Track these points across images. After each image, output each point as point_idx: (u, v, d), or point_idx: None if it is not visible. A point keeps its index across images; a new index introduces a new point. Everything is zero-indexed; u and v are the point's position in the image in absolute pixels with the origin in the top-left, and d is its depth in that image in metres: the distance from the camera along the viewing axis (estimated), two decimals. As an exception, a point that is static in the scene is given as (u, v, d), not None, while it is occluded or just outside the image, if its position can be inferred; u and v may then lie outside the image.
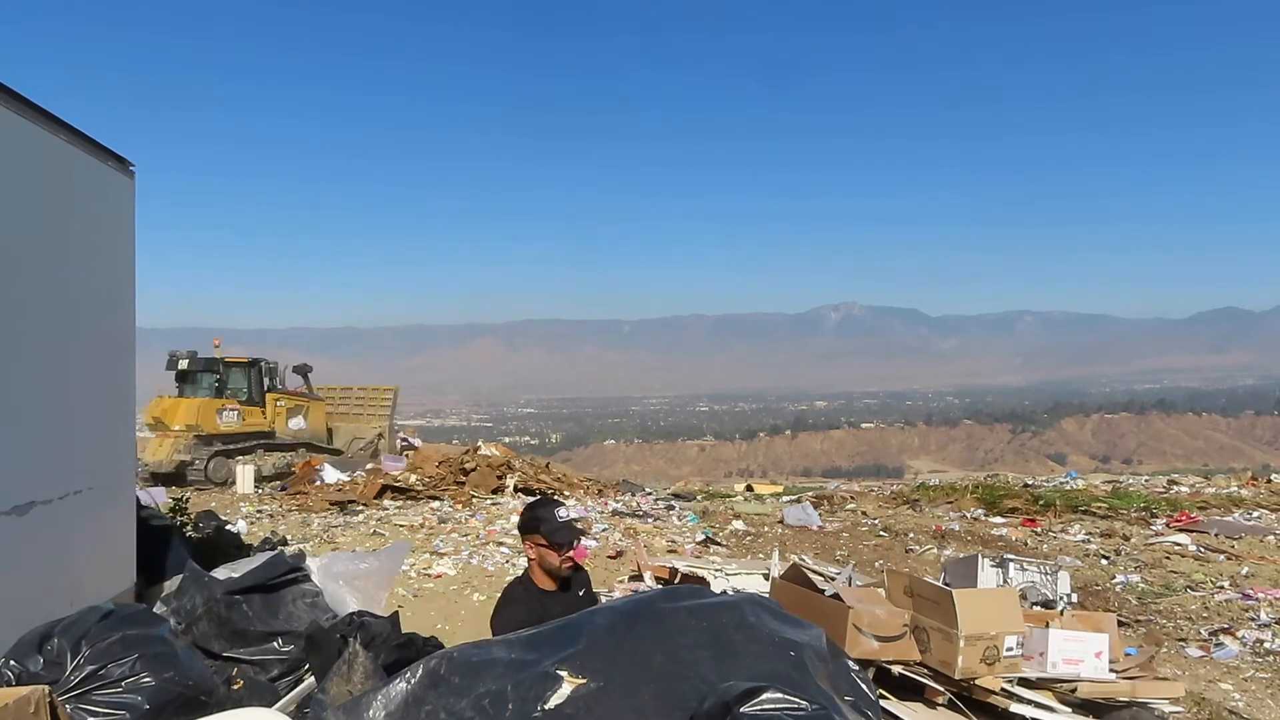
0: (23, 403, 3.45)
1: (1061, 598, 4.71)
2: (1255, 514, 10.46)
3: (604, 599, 3.44)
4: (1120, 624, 5.12)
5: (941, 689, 3.44)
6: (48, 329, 3.68)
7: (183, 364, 18.49)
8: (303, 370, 21.26)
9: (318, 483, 15.37)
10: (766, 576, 5.69)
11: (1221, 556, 8.10)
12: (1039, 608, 4.30)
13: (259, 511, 12.81)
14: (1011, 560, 4.98)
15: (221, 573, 3.94)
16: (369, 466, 16.62)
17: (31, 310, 3.52)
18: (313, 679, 2.90)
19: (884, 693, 3.38)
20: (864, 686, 2.02)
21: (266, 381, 19.62)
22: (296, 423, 19.93)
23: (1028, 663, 3.51)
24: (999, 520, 10.56)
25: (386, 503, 13.18)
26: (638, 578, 6.87)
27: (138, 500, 5.25)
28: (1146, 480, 15.43)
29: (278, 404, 19.59)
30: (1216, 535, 8.99)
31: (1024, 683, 3.45)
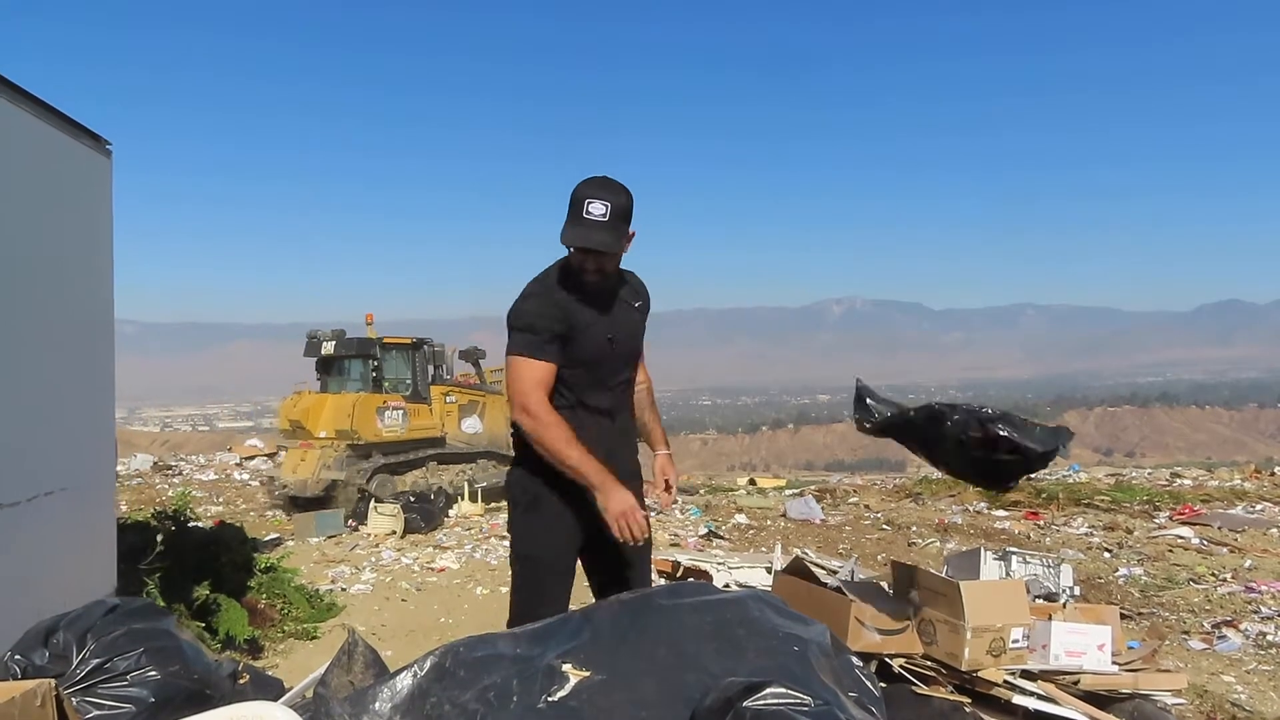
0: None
1: (1064, 591, 4.71)
2: (1259, 507, 10.44)
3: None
4: (1123, 617, 5.13)
5: (944, 681, 3.44)
6: (19, 317, 3.42)
7: (327, 347, 12.98)
8: (472, 357, 15.46)
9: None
10: (769, 570, 5.70)
11: (1224, 549, 8.10)
12: (1041, 601, 4.30)
13: (262, 506, 12.84)
14: (1014, 553, 4.99)
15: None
16: None
17: (1, 297, 3.28)
18: (318, 672, 2.91)
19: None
20: (868, 682, 2.02)
21: (432, 370, 14.10)
22: (471, 424, 14.55)
23: (1031, 655, 3.51)
24: (1002, 513, 10.56)
25: (390, 497, 13.19)
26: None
27: None
28: (1149, 473, 15.41)
29: (447, 400, 14.20)
30: (1219, 528, 8.98)
31: (1026, 675, 3.46)
